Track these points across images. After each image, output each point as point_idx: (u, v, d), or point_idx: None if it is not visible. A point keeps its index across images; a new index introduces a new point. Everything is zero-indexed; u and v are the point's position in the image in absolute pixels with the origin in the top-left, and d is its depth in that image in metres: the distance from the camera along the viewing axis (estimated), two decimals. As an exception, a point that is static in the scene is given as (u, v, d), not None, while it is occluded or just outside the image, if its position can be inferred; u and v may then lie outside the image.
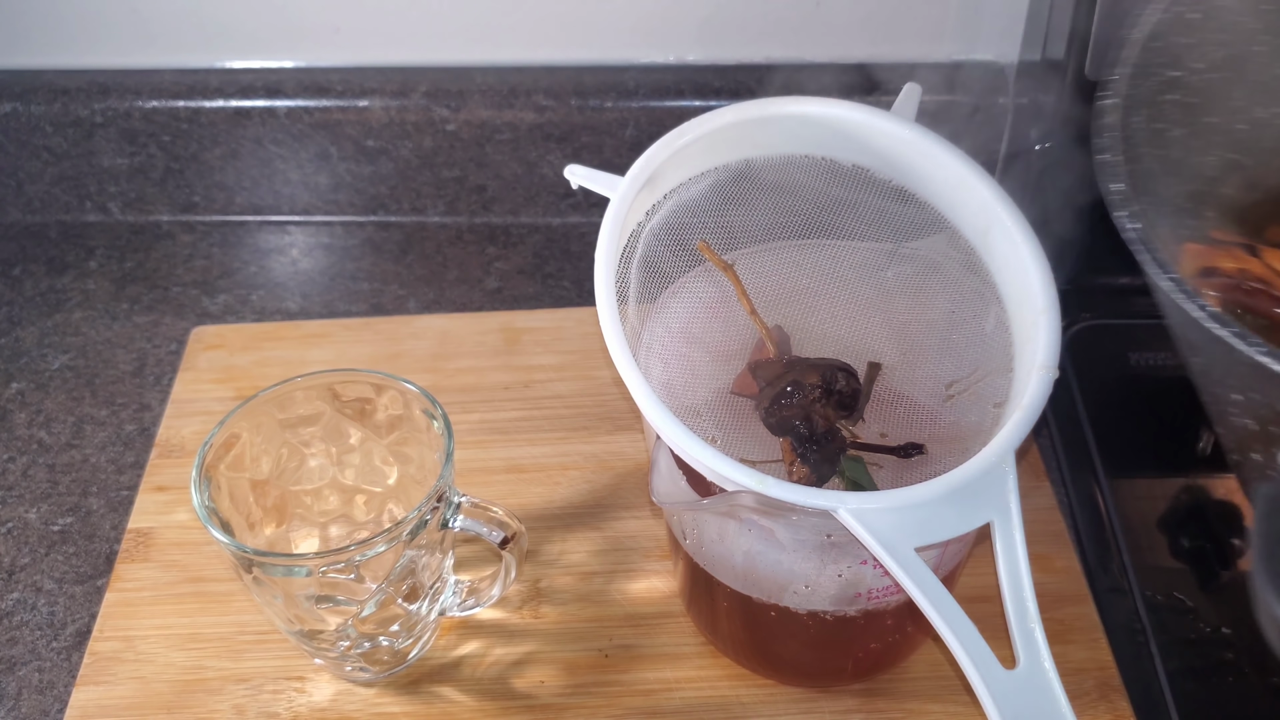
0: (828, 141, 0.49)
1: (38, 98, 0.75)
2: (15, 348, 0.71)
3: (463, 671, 0.53)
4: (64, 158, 0.77)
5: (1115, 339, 0.65)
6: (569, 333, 0.68)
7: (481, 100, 0.75)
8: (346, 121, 0.75)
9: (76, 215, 0.80)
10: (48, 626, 0.56)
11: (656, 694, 0.52)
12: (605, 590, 0.56)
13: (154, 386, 0.68)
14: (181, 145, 0.77)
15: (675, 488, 0.44)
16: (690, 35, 0.76)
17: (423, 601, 0.50)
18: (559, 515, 0.59)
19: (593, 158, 0.76)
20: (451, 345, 0.68)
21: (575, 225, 0.79)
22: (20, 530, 0.61)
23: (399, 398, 0.51)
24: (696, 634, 0.54)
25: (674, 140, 0.48)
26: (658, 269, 0.49)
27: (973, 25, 0.75)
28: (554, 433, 0.63)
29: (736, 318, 0.50)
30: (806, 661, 0.51)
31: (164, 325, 0.73)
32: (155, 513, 0.60)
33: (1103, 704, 0.51)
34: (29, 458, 0.65)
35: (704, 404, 0.49)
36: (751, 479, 0.39)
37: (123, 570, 0.57)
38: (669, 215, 0.49)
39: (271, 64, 0.77)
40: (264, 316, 0.73)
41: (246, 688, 0.53)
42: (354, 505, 0.54)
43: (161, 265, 0.77)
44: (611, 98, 0.75)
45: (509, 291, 0.75)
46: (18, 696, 0.54)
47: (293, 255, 0.78)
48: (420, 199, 0.79)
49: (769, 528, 0.43)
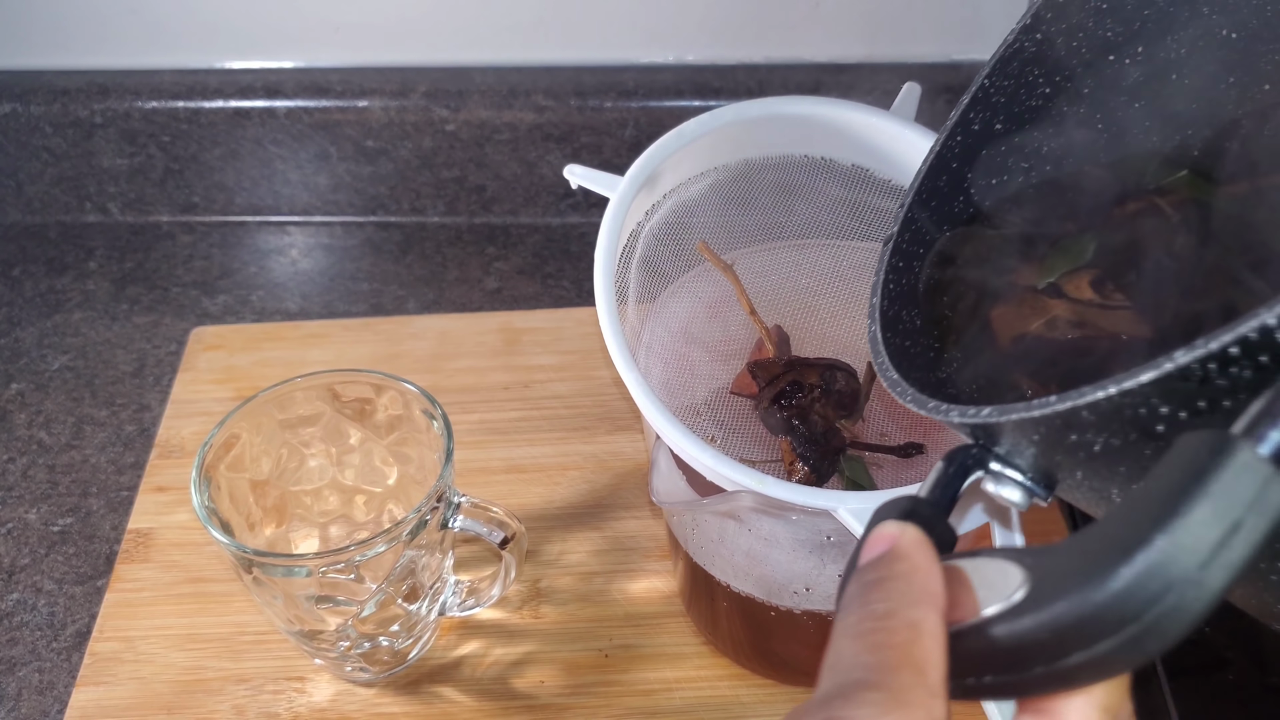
0: (828, 141, 0.49)
1: (37, 98, 0.75)
2: (15, 348, 0.71)
3: (463, 672, 0.53)
4: (64, 158, 0.77)
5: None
6: (569, 333, 0.68)
7: (481, 100, 0.75)
8: (346, 122, 0.75)
9: (76, 216, 0.80)
10: (48, 627, 0.56)
11: (656, 694, 0.52)
12: (605, 590, 0.56)
13: (154, 387, 0.68)
14: (181, 146, 0.77)
15: (675, 488, 0.44)
16: (690, 35, 0.76)
17: (423, 602, 0.50)
18: (559, 515, 0.59)
19: (592, 158, 0.76)
20: (451, 345, 0.68)
21: (575, 225, 0.79)
22: (20, 531, 0.61)
23: (399, 398, 0.51)
24: (696, 634, 0.54)
25: (673, 140, 0.48)
26: (657, 269, 0.49)
27: (973, 25, 0.75)
28: (554, 433, 0.63)
29: (736, 318, 0.50)
30: (806, 661, 0.51)
31: (164, 326, 0.73)
32: (155, 513, 0.60)
33: (1103, 704, 0.51)
34: (29, 458, 0.65)
35: (704, 404, 0.49)
36: (751, 479, 0.39)
37: (123, 571, 0.57)
38: (668, 215, 0.49)
39: (271, 64, 0.77)
40: (264, 317, 0.73)
41: (246, 688, 0.53)
42: (354, 505, 0.54)
43: (161, 266, 0.77)
44: (611, 98, 0.75)
45: (508, 292, 0.75)
46: (18, 697, 0.54)
47: (292, 256, 0.78)
48: (420, 199, 0.79)
49: (768, 528, 0.43)
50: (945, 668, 0.23)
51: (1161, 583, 0.21)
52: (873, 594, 0.24)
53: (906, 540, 0.25)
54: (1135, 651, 0.21)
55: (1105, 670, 0.22)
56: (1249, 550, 0.20)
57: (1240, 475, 0.20)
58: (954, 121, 0.39)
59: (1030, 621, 0.23)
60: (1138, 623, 0.21)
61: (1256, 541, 0.20)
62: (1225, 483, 0.20)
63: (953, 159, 0.39)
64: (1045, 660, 0.22)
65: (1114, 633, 0.21)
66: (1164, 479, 0.21)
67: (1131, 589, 0.21)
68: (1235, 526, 0.20)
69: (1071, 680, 0.23)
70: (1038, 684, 0.23)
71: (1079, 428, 0.25)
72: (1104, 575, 0.21)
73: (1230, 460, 0.20)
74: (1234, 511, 0.20)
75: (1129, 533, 0.21)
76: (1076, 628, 0.22)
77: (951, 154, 0.39)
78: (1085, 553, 0.22)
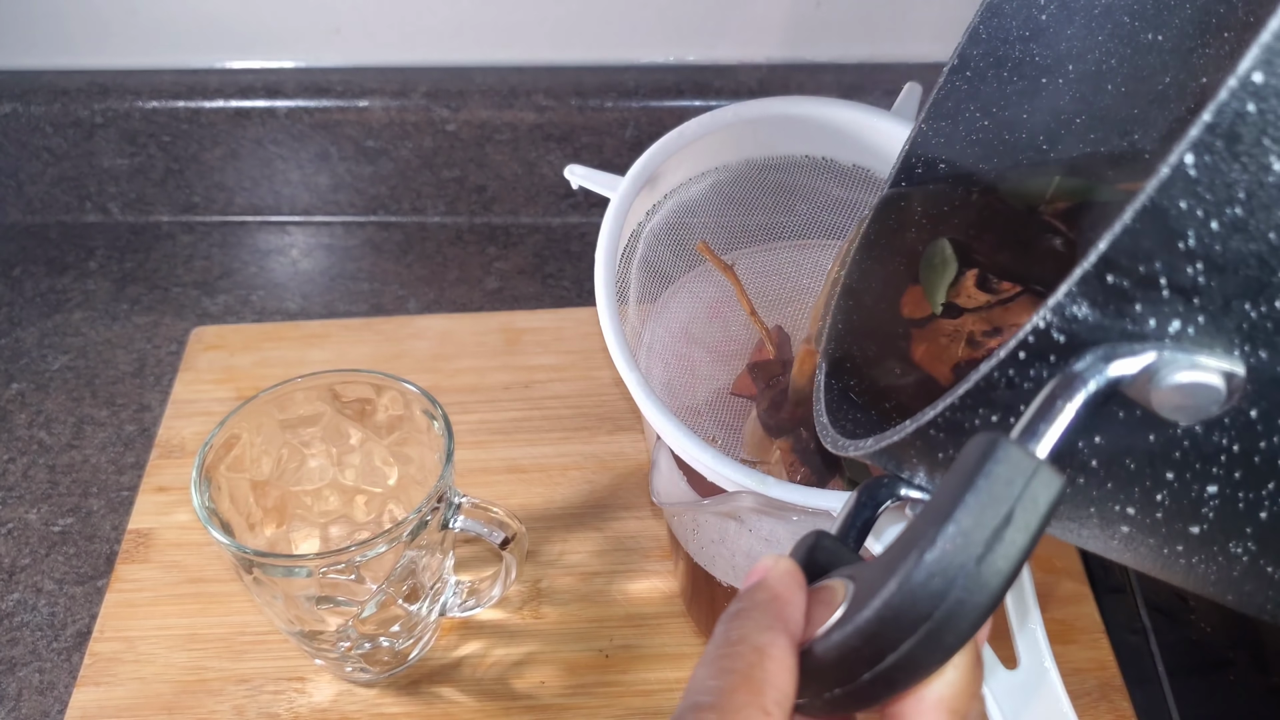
0: (828, 141, 0.49)
1: (38, 98, 0.75)
2: (15, 348, 0.71)
3: (463, 672, 0.53)
4: (64, 158, 0.77)
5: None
6: (569, 333, 0.68)
7: (481, 100, 0.75)
8: (346, 122, 0.75)
9: (77, 216, 0.80)
10: (48, 627, 0.56)
11: (657, 694, 0.52)
12: (606, 590, 0.56)
13: (154, 387, 0.68)
14: (182, 146, 0.77)
15: (676, 488, 0.44)
16: (690, 35, 0.75)
17: (423, 602, 0.50)
18: (559, 515, 0.59)
19: (593, 158, 0.76)
20: (452, 345, 0.68)
21: (575, 225, 0.79)
22: (21, 531, 0.61)
23: (399, 398, 0.51)
24: (697, 634, 0.54)
25: (674, 140, 0.48)
26: (658, 269, 0.49)
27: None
28: (554, 433, 0.63)
29: (736, 318, 0.50)
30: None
31: (164, 326, 0.73)
32: (155, 513, 0.60)
33: (1104, 704, 0.51)
34: (29, 458, 0.65)
35: (704, 404, 0.49)
36: (752, 479, 0.39)
37: (123, 571, 0.57)
38: (669, 215, 0.49)
39: (271, 64, 0.77)
40: (264, 317, 0.73)
41: (247, 688, 0.53)
42: (354, 506, 0.54)
43: (162, 266, 0.77)
44: (612, 98, 0.75)
45: (509, 292, 0.75)
46: (18, 697, 0.54)
47: (293, 255, 0.78)
48: (420, 199, 0.79)
49: (769, 529, 0.43)
50: (789, 687, 0.24)
51: (944, 580, 0.22)
52: (732, 623, 0.25)
53: (774, 572, 0.26)
54: (937, 648, 0.23)
55: (920, 669, 0.23)
56: (1025, 541, 0.22)
57: (1007, 471, 0.22)
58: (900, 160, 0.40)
59: (848, 630, 0.24)
60: (930, 620, 0.22)
61: (1031, 531, 0.22)
62: (993, 479, 0.22)
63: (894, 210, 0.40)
64: (868, 666, 0.24)
65: (913, 631, 0.22)
66: (947, 483, 0.23)
67: (919, 588, 0.22)
68: (1006, 520, 0.22)
69: (896, 683, 0.24)
70: (869, 691, 0.24)
71: (938, 444, 0.27)
72: (897, 579, 0.23)
73: (997, 458, 0.22)
74: (1002, 506, 0.22)
75: (917, 537, 0.23)
76: (882, 632, 0.23)
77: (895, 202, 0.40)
78: (888, 561, 0.24)
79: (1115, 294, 0.21)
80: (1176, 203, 0.20)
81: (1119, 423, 0.23)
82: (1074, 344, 0.22)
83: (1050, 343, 0.23)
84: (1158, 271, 0.21)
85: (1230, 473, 0.23)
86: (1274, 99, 0.19)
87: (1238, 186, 0.20)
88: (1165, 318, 0.21)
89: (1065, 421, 0.22)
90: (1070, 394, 0.22)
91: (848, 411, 0.34)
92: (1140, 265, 0.21)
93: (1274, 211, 0.20)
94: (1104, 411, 0.23)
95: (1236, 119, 0.19)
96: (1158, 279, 0.21)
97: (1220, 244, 0.20)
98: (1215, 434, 0.23)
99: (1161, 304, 0.21)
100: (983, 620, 0.22)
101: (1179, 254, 0.21)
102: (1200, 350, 0.22)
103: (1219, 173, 0.20)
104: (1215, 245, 0.20)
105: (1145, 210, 0.20)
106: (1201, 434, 0.23)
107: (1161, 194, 0.20)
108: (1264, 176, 0.20)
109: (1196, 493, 0.24)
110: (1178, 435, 0.23)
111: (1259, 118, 0.19)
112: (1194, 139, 0.19)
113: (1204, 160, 0.20)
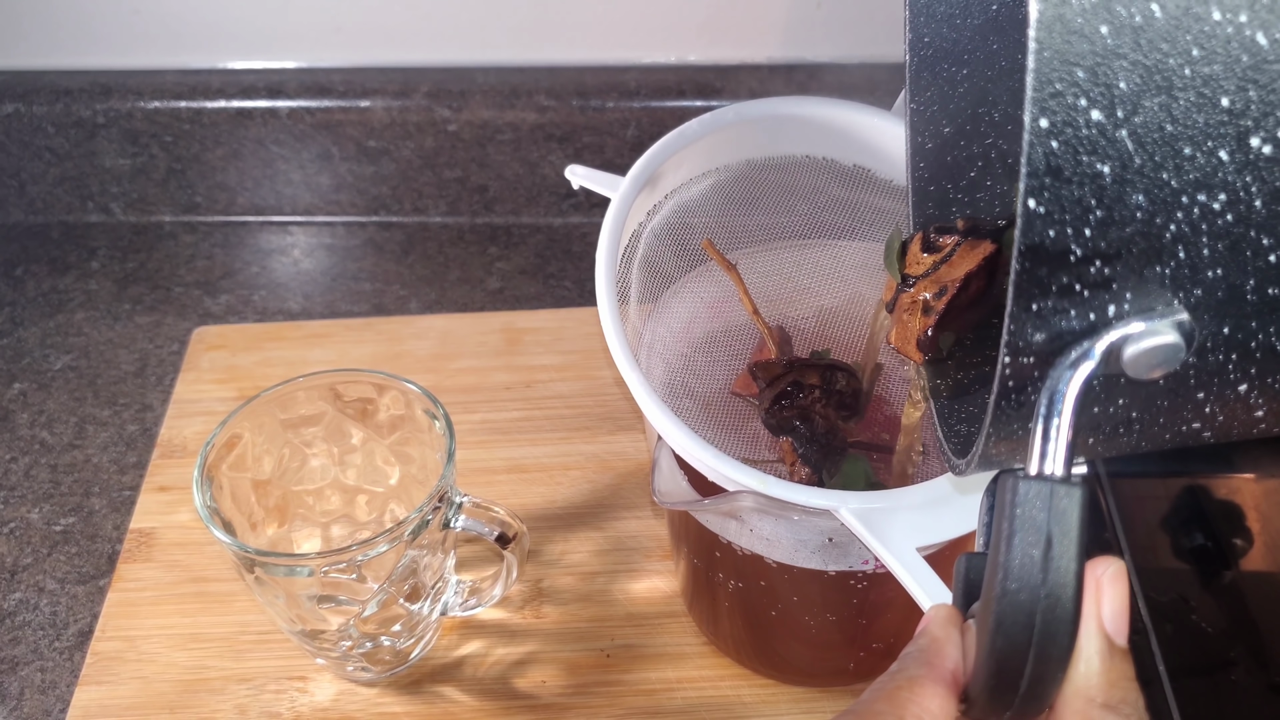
0: (828, 141, 0.49)
1: (40, 98, 0.75)
2: (17, 348, 0.71)
3: (464, 671, 0.53)
4: (66, 158, 0.77)
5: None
6: (570, 333, 0.69)
7: (483, 100, 0.75)
8: (348, 122, 0.76)
9: (79, 216, 0.80)
10: (50, 626, 0.57)
11: (658, 693, 0.52)
12: (607, 590, 0.56)
13: (156, 387, 0.68)
14: (183, 146, 0.77)
15: (677, 488, 0.44)
16: (690, 35, 0.76)
17: (424, 601, 0.50)
18: (560, 515, 0.59)
19: (594, 158, 0.77)
20: (453, 345, 0.68)
21: (576, 225, 0.80)
22: (23, 530, 0.61)
23: (401, 398, 0.51)
24: (698, 633, 0.54)
25: (675, 140, 0.48)
26: (659, 269, 0.49)
27: (974, 25, 0.74)
28: (555, 433, 0.63)
29: (737, 318, 0.50)
30: (808, 661, 0.51)
31: (166, 325, 0.73)
32: (157, 513, 0.60)
33: (1104, 704, 0.51)
34: (31, 458, 0.65)
35: (705, 404, 0.49)
36: (753, 479, 0.39)
37: (125, 570, 0.57)
38: (670, 215, 0.49)
39: (273, 64, 0.77)
40: (266, 317, 0.73)
41: (248, 687, 0.53)
42: (356, 505, 0.54)
43: (163, 265, 0.77)
44: (613, 98, 0.75)
45: (510, 292, 0.75)
46: (20, 696, 0.54)
47: (294, 255, 0.78)
48: (422, 199, 0.79)
49: (770, 528, 0.43)
50: (936, 710, 0.28)
51: (1025, 614, 0.25)
52: (899, 663, 0.30)
53: (932, 618, 0.31)
54: (1049, 661, 0.26)
55: (1049, 682, 0.26)
56: (1073, 550, 0.25)
57: (1030, 504, 0.25)
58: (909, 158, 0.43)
59: (981, 678, 0.27)
60: (1033, 646, 0.25)
61: (1074, 540, 0.25)
62: (1023, 519, 0.25)
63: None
64: (1014, 692, 0.27)
65: (1025, 659, 0.26)
66: (995, 530, 0.26)
67: (1009, 631, 0.25)
68: (1048, 543, 0.25)
69: (1041, 697, 0.27)
70: (1026, 710, 0.27)
71: (1002, 460, 0.29)
72: (989, 635, 0.26)
73: (1019, 498, 0.25)
74: (1040, 534, 0.25)
75: (989, 589, 0.26)
76: (1003, 671, 0.26)
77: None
78: (983, 617, 0.27)
79: (1048, 313, 0.24)
80: (1045, 234, 0.23)
81: (1123, 388, 0.25)
82: (1044, 358, 0.25)
83: (1022, 369, 0.25)
84: (1068, 284, 0.24)
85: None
86: (1069, 130, 0.22)
87: (1086, 198, 0.23)
88: (1101, 307, 0.24)
89: (1064, 435, 0.25)
90: (1056, 410, 0.25)
91: (955, 426, 0.37)
92: (1051, 285, 0.23)
93: (1128, 200, 0.23)
94: (1104, 393, 0.25)
95: (1048, 158, 0.22)
96: (1073, 287, 0.24)
97: (1101, 241, 0.23)
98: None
99: (1089, 301, 0.24)
100: (1074, 624, 0.25)
101: (1076, 263, 0.23)
102: (1148, 316, 0.24)
103: (1063, 199, 0.22)
104: (1099, 243, 0.23)
105: (1023, 252, 0.23)
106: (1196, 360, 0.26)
107: (1027, 235, 0.23)
108: (1101, 181, 0.22)
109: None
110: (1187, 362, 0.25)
111: (1066, 148, 0.22)
112: (1026, 188, 0.22)
113: (1044, 197, 0.22)
